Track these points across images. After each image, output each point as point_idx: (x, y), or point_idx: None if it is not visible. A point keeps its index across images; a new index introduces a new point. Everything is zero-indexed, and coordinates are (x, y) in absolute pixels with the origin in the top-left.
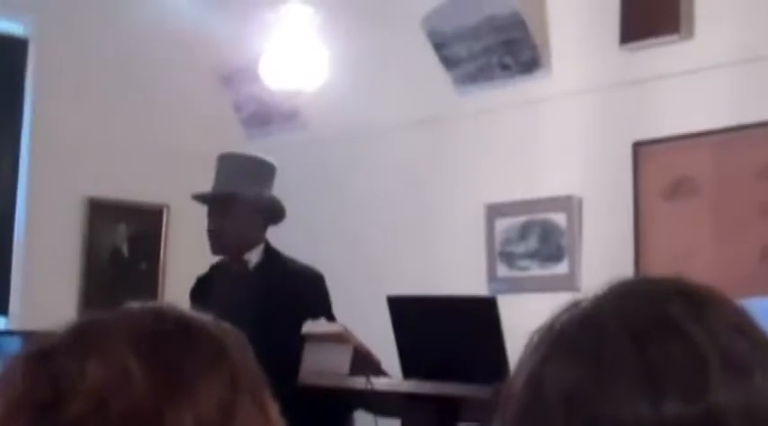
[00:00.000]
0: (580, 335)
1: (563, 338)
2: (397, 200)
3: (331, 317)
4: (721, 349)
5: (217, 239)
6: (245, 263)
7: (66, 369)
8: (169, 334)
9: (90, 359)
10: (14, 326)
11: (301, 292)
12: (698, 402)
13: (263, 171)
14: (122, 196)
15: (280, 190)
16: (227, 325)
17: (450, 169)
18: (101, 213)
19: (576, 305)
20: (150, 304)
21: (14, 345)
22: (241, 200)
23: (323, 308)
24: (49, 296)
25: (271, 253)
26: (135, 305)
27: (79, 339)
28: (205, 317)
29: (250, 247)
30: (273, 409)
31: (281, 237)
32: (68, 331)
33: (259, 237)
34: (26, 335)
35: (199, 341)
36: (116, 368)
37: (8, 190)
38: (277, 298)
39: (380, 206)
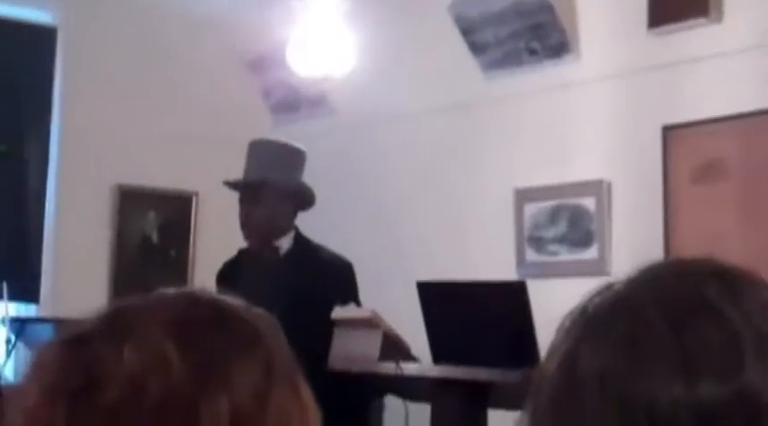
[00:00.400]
0: (614, 317)
1: (596, 320)
2: (425, 186)
3: (358, 306)
4: (756, 330)
5: (248, 225)
6: (275, 250)
7: (102, 355)
8: (204, 320)
9: (126, 344)
10: (45, 314)
11: (330, 280)
12: (732, 382)
13: (293, 157)
14: (152, 183)
15: (307, 176)
16: (259, 311)
17: (478, 154)
18: (130, 200)
19: (608, 287)
20: (184, 289)
21: (45, 332)
22: (272, 187)
23: (351, 297)
24: (79, 283)
25: (301, 241)
26: (168, 290)
27: (114, 324)
28: (238, 302)
29: (281, 234)
30: (307, 394)
31: (308, 223)
32: (103, 316)
33: (289, 224)
34: (57, 323)
35: (233, 327)
36: (153, 355)
37: (38, 179)
38: (306, 286)
39: (409, 191)
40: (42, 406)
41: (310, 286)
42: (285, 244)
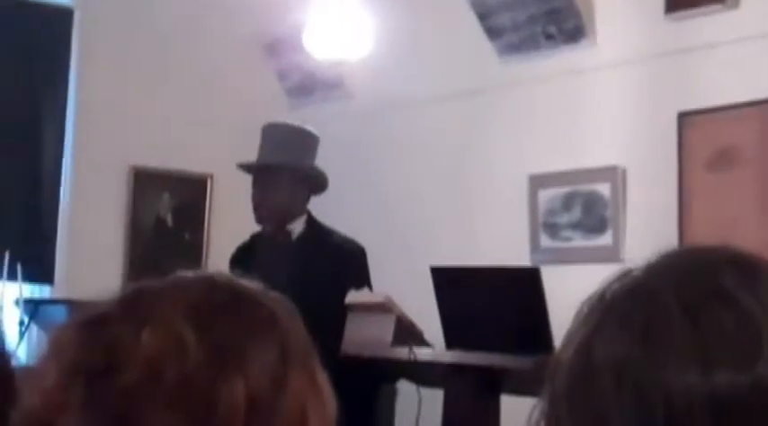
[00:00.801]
0: (631, 305)
1: (614, 307)
2: (440, 170)
3: (370, 290)
4: None
5: (261, 209)
6: (288, 234)
7: (120, 337)
8: (222, 305)
9: (145, 327)
10: (59, 295)
11: (342, 264)
12: (749, 371)
13: (306, 141)
14: (167, 165)
15: (323, 159)
16: (276, 295)
17: (493, 140)
18: (145, 182)
19: (626, 274)
20: (202, 272)
21: (59, 314)
22: (285, 171)
23: (363, 281)
24: (94, 265)
25: (313, 225)
26: (187, 273)
27: (133, 307)
28: (256, 286)
29: (293, 218)
30: (323, 378)
31: (322, 206)
32: (121, 299)
33: (302, 208)
34: (71, 304)
35: (250, 312)
36: (171, 338)
37: (54, 160)
38: (319, 270)
39: (424, 175)
40: (59, 387)
41: (322, 270)
42: (297, 227)
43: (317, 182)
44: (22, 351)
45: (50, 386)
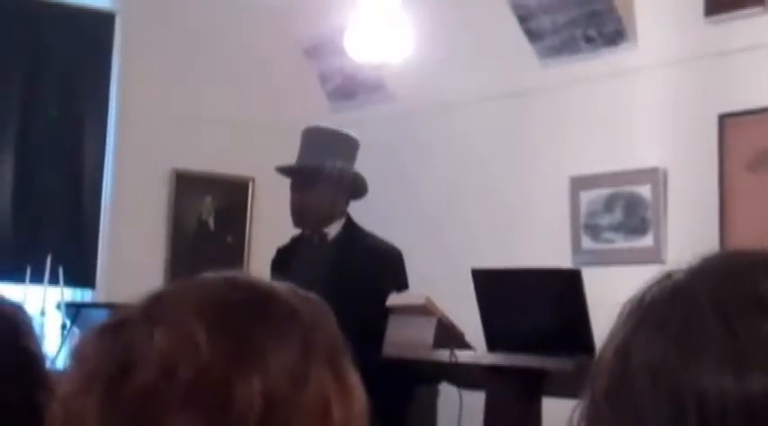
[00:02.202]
0: (669, 308)
1: (652, 310)
2: (481, 172)
3: (386, 292)
4: None
5: (298, 211)
6: (324, 236)
7: (135, 339)
8: (238, 302)
9: (158, 327)
10: (101, 299)
11: (379, 266)
12: None
13: (346, 145)
14: (208, 168)
15: (365, 161)
16: (308, 294)
17: (534, 142)
18: (187, 185)
19: (668, 277)
20: (224, 273)
21: (101, 318)
22: (323, 174)
23: (400, 282)
24: (136, 269)
25: (350, 227)
26: (209, 274)
27: (150, 309)
28: (280, 285)
29: (330, 221)
30: (353, 377)
31: (364, 207)
32: (142, 302)
33: (340, 211)
34: (112, 308)
35: (269, 309)
36: (182, 336)
37: (96, 164)
38: (354, 272)
39: (465, 178)
40: (77, 395)
41: (358, 272)
42: (334, 230)
43: (355, 187)
44: (63, 355)
45: (71, 393)
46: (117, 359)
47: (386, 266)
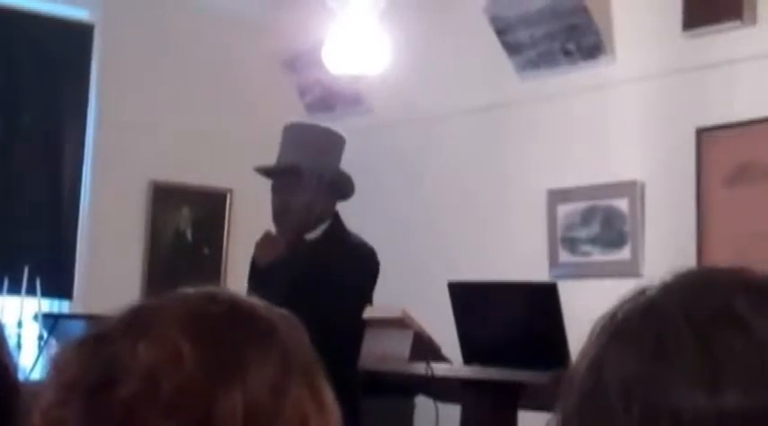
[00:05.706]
0: (642, 324)
1: (625, 326)
2: (459, 186)
3: (363, 296)
4: None
5: (282, 217)
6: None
7: (117, 352)
8: (220, 317)
9: (142, 340)
10: (78, 310)
11: (347, 263)
12: (757, 394)
13: (330, 141)
14: (186, 180)
15: None
16: (281, 311)
17: (512, 155)
18: (165, 197)
19: (641, 293)
20: (204, 287)
21: (78, 329)
22: (307, 173)
23: (362, 279)
24: (113, 280)
25: (331, 231)
26: (189, 289)
27: (132, 322)
28: (258, 301)
29: (316, 224)
30: (327, 393)
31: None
32: (123, 315)
33: (327, 212)
34: (89, 319)
35: (249, 324)
36: (167, 350)
37: (73, 174)
38: (322, 270)
39: (443, 190)
40: (56, 405)
41: (325, 271)
42: (315, 235)
43: (341, 185)
44: (40, 366)
45: (49, 403)
46: (99, 371)
47: (354, 264)
